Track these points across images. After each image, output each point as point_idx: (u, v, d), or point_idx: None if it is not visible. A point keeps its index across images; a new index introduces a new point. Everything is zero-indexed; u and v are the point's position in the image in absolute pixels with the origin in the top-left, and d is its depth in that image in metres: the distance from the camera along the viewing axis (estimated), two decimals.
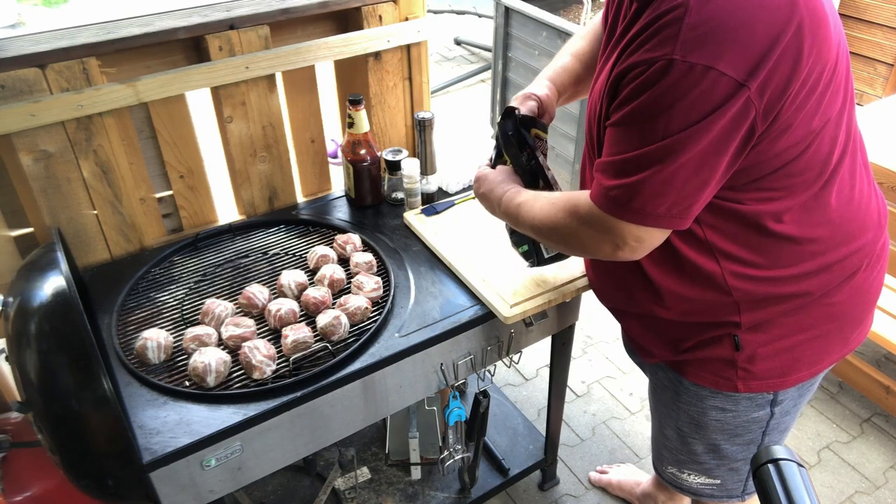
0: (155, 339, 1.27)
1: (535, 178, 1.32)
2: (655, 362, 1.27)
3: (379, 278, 1.45)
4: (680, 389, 1.23)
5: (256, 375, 1.24)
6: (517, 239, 1.42)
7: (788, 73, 0.86)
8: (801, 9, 0.85)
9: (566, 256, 1.42)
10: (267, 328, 1.36)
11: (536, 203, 1.15)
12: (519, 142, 1.29)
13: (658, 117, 0.87)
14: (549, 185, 1.30)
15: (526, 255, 1.42)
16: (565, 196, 1.10)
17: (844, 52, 0.97)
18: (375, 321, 1.35)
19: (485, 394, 1.58)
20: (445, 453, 1.63)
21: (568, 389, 2.29)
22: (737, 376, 1.13)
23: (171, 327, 1.36)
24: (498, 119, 1.34)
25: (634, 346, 1.29)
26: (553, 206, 1.10)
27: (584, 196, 1.03)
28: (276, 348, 1.29)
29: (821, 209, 1.03)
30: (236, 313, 1.38)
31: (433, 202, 1.71)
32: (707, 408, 1.21)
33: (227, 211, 1.74)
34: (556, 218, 1.09)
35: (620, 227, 0.97)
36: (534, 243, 1.38)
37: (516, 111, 1.28)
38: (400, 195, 1.74)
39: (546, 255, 1.39)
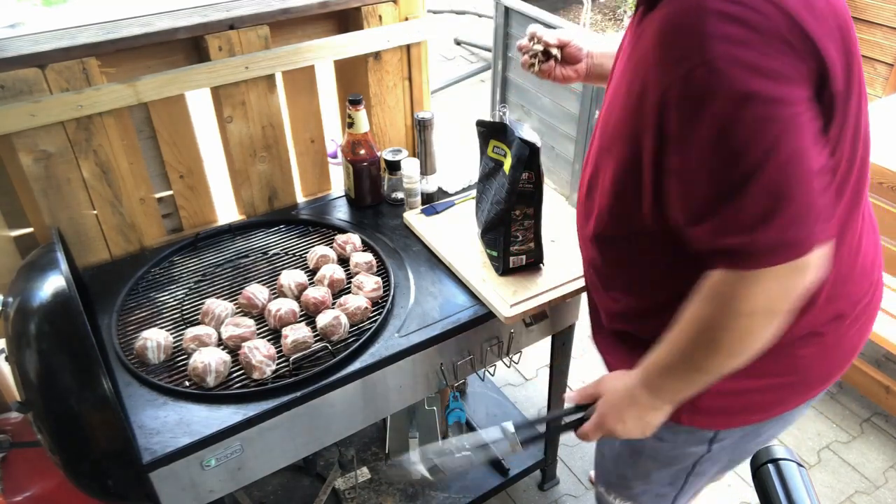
0: (155, 339, 1.27)
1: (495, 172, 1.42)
2: None
3: (379, 278, 1.45)
4: None
5: (256, 375, 1.24)
6: (488, 241, 1.45)
7: None
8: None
9: (535, 266, 1.44)
10: (267, 328, 1.36)
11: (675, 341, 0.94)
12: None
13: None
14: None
15: (493, 260, 1.45)
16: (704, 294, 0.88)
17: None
18: (375, 321, 1.35)
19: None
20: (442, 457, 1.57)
21: (568, 389, 2.29)
22: (681, 408, 1.02)
23: (171, 327, 1.36)
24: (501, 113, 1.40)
25: (603, 358, 1.23)
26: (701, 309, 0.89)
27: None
28: (276, 348, 1.29)
29: None
30: (236, 313, 1.38)
31: (433, 202, 1.71)
32: None
33: (227, 211, 1.74)
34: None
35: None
36: (504, 251, 1.40)
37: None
38: (400, 195, 1.74)
39: (511, 266, 1.44)
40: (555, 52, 1.29)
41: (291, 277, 1.43)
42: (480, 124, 1.44)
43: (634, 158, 0.90)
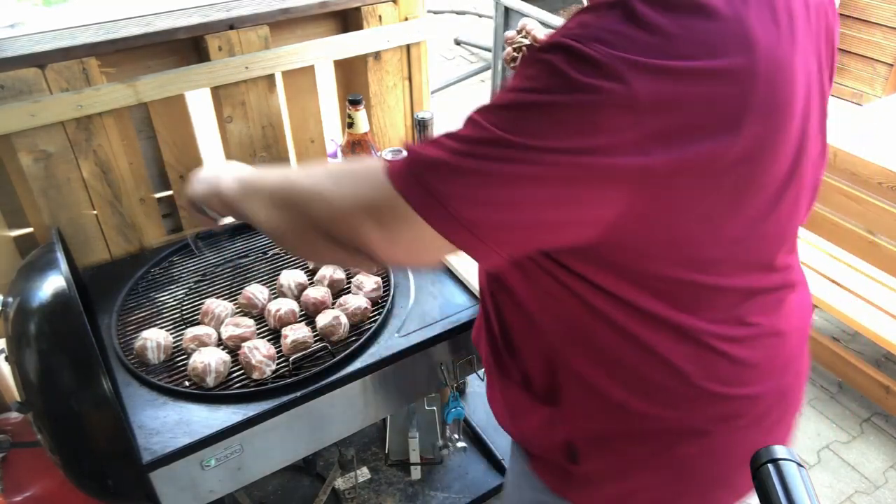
0: (155, 339, 1.27)
1: None
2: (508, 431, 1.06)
3: (379, 278, 1.45)
4: (527, 471, 1.02)
5: (256, 375, 1.24)
6: None
7: None
8: None
9: None
10: (267, 328, 1.36)
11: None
12: None
13: None
14: None
15: None
16: None
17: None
18: (375, 321, 1.35)
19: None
20: (441, 442, 1.66)
21: None
22: (570, 486, 0.95)
23: (170, 327, 1.36)
24: None
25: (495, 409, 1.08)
26: None
27: None
28: (276, 348, 1.29)
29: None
30: (236, 313, 1.38)
31: None
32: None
33: None
34: None
35: None
36: None
37: None
38: None
39: None
40: None
41: (291, 277, 1.43)
42: None
43: None
